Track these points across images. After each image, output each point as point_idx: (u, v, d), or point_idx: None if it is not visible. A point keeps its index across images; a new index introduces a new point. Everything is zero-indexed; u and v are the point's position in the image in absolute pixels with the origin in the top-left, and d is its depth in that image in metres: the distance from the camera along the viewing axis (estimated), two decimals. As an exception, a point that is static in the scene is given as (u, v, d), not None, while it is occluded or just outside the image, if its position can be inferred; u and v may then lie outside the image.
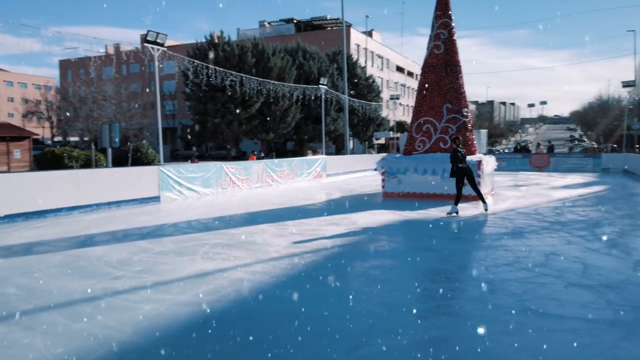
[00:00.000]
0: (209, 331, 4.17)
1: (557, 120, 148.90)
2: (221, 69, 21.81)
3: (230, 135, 37.13)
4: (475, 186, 10.74)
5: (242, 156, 39.66)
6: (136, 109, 35.64)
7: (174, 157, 50.42)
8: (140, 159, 29.20)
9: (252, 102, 35.32)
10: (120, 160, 27.75)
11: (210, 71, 20.35)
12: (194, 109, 37.79)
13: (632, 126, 41.08)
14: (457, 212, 10.34)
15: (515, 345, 3.85)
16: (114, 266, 6.29)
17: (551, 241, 7.68)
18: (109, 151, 16.52)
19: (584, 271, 5.89)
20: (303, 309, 4.67)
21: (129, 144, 30.10)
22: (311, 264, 6.42)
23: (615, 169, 25.27)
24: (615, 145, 45.75)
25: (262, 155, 23.06)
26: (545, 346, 3.80)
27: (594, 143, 60.67)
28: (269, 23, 66.63)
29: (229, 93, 32.90)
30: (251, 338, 4.01)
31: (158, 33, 15.00)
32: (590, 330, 4.11)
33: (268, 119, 37.06)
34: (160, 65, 16.64)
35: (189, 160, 32.61)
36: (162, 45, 15.34)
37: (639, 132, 43.03)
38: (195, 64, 20.55)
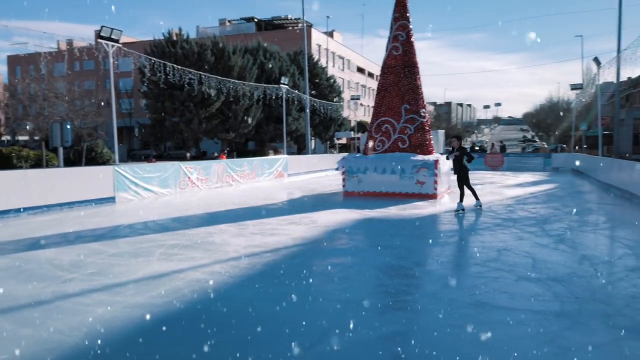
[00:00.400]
0: (165, 333, 4.09)
1: (510, 121, 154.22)
2: (179, 66, 21.39)
3: (189, 135, 36.48)
4: (468, 184, 10.95)
5: (202, 156, 39.02)
6: (90, 107, 34.40)
7: (130, 156, 49.04)
8: (95, 159, 28.24)
9: (212, 101, 34.83)
10: (73, 160, 26.76)
11: (168, 69, 19.92)
12: (151, 108, 36.90)
13: (580, 127, 43.15)
14: (462, 209, 10.65)
15: (467, 337, 3.97)
16: (65, 269, 6.06)
17: (503, 237, 7.96)
18: (61, 151, 15.89)
19: (533, 265, 6.14)
20: (262, 308, 4.65)
21: (83, 143, 29.05)
22: (270, 263, 6.40)
23: (564, 168, 26.51)
24: (564, 146, 47.93)
25: (215, 155, 22.75)
26: (495, 337, 3.95)
27: (544, 143, 63.35)
28: (229, 21, 65.83)
29: (188, 91, 32.31)
30: (208, 339, 3.96)
31: (112, 29, 14.56)
32: (538, 321, 4.29)
33: (229, 118, 36.63)
34: (116, 62, 16.15)
35: (147, 160, 31.82)
36: (117, 41, 14.90)
37: (587, 133, 45.22)
38: (153, 61, 20.09)
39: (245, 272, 5.94)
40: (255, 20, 62.92)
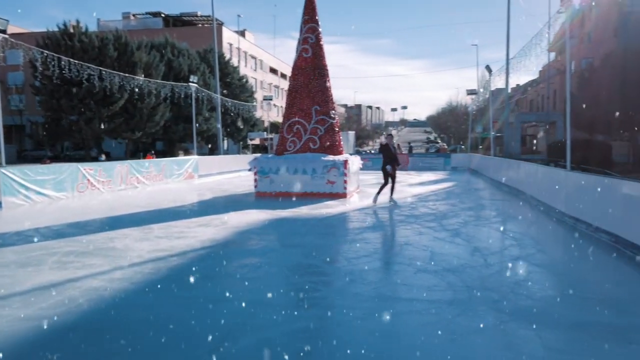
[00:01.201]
0: (57, 346, 3.81)
1: (415, 124, 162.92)
2: (77, 61, 19.92)
3: (90, 134, 34.15)
4: (394, 180, 12.30)
5: (106, 156, 36.68)
6: (-28, 102, 30.92)
7: (22, 158, 44.80)
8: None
9: (115, 98, 32.88)
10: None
11: (63, 63, 18.46)
12: (45, 105, 34.02)
13: (476, 129, 46.71)
14: (394, 202, 12.19)
15: (370, 329, 4.16)
16: (-63, 283, 5.40)
17: (405, 233, 8.42)
18: None
19: (430, 258, 6.56)
20: (165, 314, 4.50)
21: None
22: (177, 268, 6.21)
23: (462, 167, 28.59)
24: (463, 147, 51.60)
25: (104, 157, 21.48)
26: (395, 327, 4.18)
27: (444, 144, 67.81)
28: (134, 15, 62.53)
29: (88, 88, 30.20)
30: (107, 349, 3.75)
31: (-3, 17, 13.21)
32: (433, 309, 4.60)
33: (134, 117, 34.80)
34: (2, 55, 14.66)
35: (40, 162, 29.23)
36: (3, 32, 13.54)
37: (482, 135, 49.06)
38: (46, 54, 18.52)
39: (149, 278, 5.70)
40: (163, 15, 60.40)
